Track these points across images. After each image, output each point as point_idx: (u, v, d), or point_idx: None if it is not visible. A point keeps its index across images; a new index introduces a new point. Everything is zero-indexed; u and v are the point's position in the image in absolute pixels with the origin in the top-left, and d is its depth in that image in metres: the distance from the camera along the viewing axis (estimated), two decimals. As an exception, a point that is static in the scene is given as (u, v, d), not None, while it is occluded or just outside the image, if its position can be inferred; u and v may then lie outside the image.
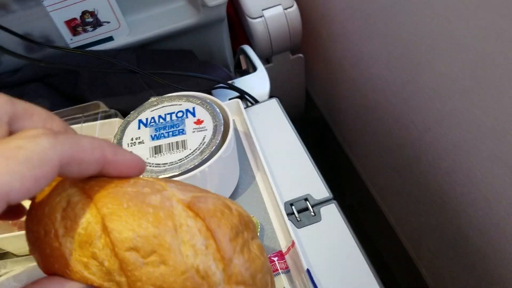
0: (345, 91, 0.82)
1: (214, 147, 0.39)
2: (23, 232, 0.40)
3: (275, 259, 0.38)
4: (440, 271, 0.66)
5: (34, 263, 0.39)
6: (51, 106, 0.55)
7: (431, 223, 0.63)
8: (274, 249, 0.39)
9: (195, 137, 0.41)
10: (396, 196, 0.74)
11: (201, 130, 0.41)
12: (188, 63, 0.66)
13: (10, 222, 0.41)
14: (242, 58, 0.74)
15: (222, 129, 0.41)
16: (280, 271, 0.37)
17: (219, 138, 0.40)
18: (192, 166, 0.38)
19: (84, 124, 0.45)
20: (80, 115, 0.46)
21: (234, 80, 0.61)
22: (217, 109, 0.43)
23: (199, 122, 0.42)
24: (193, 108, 0.44)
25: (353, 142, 0.89)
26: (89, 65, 0.57)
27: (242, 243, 0.22)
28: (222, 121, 0.42)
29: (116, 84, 0.59)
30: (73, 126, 0.46)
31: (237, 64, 0.78)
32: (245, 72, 0.73)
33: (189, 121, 0.43)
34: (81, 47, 0.64)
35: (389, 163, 0.72)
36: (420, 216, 0.66)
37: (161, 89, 0.59)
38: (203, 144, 0.40)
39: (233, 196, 0.45)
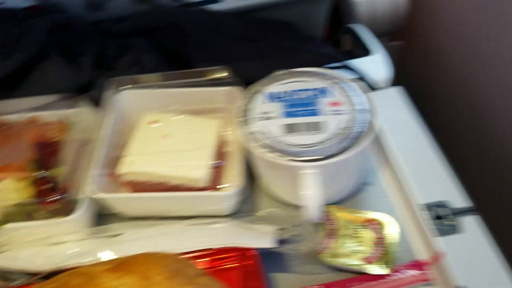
0: (446, 90, 0.75)
1: (355, 135, 0.35)
2: (138, 194, 0.38)
3: (413, 272, 0.34)
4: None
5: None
6: (156, 65, 0.52)
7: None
8: (409, 256, 0.35)
9: (332, 120, 0.37)
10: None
11: (338, 114, 0.37)
12: (292, 36, 0.62)
13: (121, 181, 0.39)
14: (344, 39, 0.69)
15: (364, 116, 0.37)
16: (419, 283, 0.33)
17: (363, 125, 0.36)
18: (333, 152, 0.34)
19: (204, 89, 0.42)
20: (198, 79, 0.43)
21: (345, 62, 0.56)
22: (359, 91, 0.39)
23: (335, 104, 0.38)
24: (327, 88, 0.40)
25: (445, 145, 0.82)
26: (203, 25, 0.54)
27: (184, 280, 0.24)
28: (364, 106, 0.38)
29: (223, 50, 0.55)
30: (193, 89, 0.42)
31: (334, 45, 0.72)
32: (348, 54, 0.67)
33: (324, 102, 0.38)
34: (183, 6, 0.60)
35: (492, 176, 0.66)
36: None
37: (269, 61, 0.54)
38: (342, 129, 0.36)
39: (357, 192, 0.41)
